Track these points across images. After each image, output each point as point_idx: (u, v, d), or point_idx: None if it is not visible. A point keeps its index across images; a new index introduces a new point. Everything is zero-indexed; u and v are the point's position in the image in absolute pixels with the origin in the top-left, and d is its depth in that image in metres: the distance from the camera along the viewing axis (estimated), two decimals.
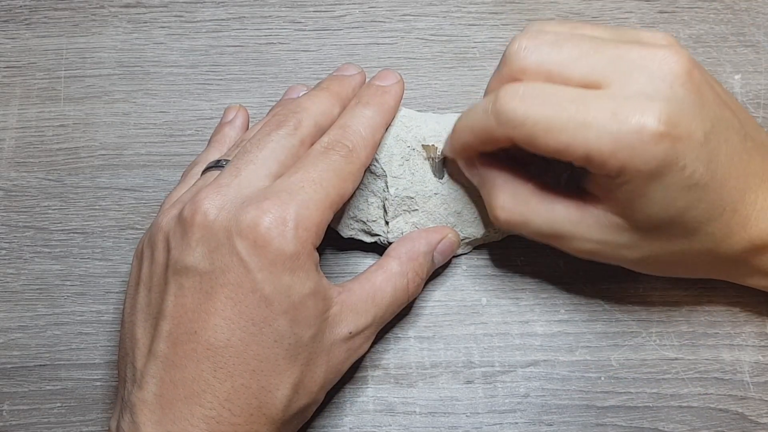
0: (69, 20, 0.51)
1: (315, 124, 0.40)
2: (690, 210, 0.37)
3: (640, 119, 0.35)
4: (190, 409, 0.35)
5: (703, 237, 0.39)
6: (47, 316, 0.46)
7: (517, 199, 0.41)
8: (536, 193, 0.41)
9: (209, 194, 0.37)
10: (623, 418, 0.44)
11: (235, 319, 0.36)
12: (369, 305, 0.40)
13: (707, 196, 0.37)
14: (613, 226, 0.39)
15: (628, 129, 0.35)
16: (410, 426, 0.44)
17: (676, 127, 0.35)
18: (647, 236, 0.39)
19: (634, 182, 0.36)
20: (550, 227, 0.40)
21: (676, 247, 0.39)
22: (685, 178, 0.36)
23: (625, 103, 0.36)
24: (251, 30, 0.51)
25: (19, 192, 0.48)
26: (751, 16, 0.51)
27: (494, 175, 0.41)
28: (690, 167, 0.36)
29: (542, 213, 0.40)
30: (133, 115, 0.50)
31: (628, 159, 0.35)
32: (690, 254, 0.40)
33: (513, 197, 0.41)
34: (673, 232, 0.38)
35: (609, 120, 0.35)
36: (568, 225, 0.40)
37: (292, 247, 0.36)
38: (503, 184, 0.41)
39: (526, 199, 0.40)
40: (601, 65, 0.37)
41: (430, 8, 0.52)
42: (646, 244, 0.39)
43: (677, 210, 0.37)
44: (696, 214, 0.37)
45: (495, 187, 0.41)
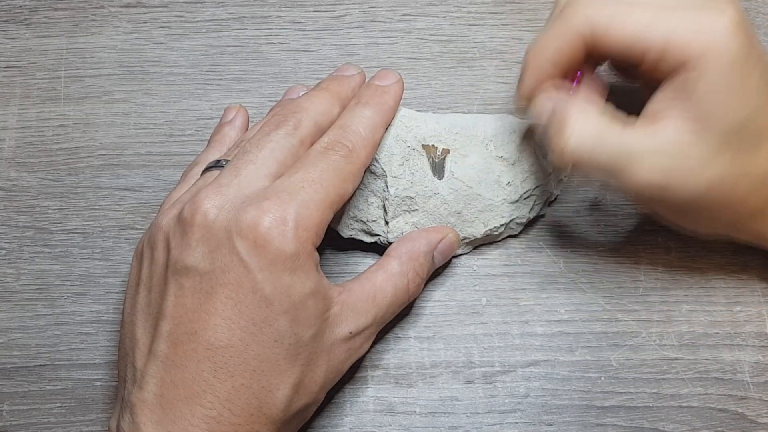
0: (69, 20, 0.51)
1: (314, 124, 0.40)
2: (759, 113, 0.38)
3: (723, 6, 0.37)
4: (191, 409, 0.35)
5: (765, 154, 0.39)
6: (47, 316, 0.46)
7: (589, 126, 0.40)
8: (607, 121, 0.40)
9: (209, 194, 0.37)
10: (623, 418, 0.44)
11: (236, 319, 0.36)
12: (369, 305, 0.40)
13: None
14: (684, 141, 0.38)
15: (711, 13, 0.37)
16: (410, 426, 0.44)
17: (749, 27, 0.38)
18: (717, 149, 0.38)
19: (714, 73, 0.37)
20: (620, 154, 0.39)
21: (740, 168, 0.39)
22: (757, 76, 0.38)
23: (701, 2, 0.38)
24: (251, 30, 0.51)
25: (19, 192, 0.48)
26: (751, 16, 0.51)
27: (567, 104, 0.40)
28: (759, 67, 0.38)
29: (612, 140, 0.39)
30: (133, 115, 0.50)
31: (710, 43, 0.37)
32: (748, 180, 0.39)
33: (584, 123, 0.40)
34: (742, 141, 0.38)
35: (690, 6, 0.37)
36: (637, 150, 0.39)
37: (293, 247, 0.36)
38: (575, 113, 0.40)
39: (597, 125, 0.40)
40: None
41: (430, 8, 0.52)
42: (714, 162, 0.39)
43: (750, 109, 0.38)
44: (763, 121, 0.38)
45: (567, 114, 0.40)
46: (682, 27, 0.37)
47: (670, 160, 0.39)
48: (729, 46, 0.37)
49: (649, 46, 0.38)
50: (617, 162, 0.39)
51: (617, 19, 0.38)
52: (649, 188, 0.39)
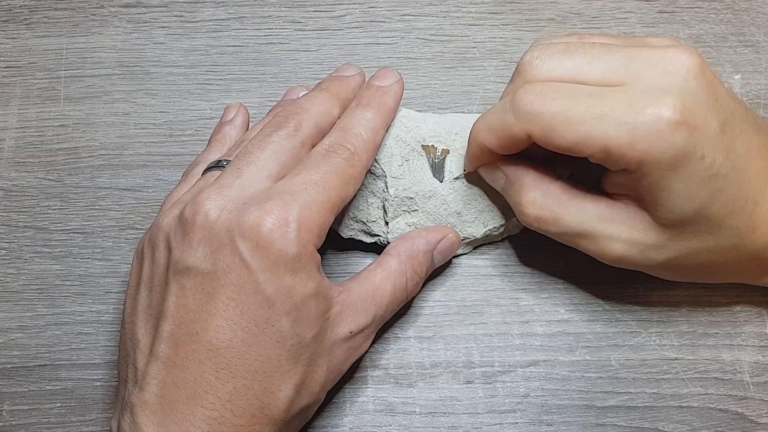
0: (69, 20, 0.51)
1: (315, 125, 0.40)
2: (713, 202, 0.37)
3: (657, 109, 0.36)
4: (192, 410, 0.35)
5: (728, 232, 0.39)
6: (47, 316, 0.46)
7: (547, 196, 0.41)
8: (566, 190, 0.41)
9: (211, 195, 0.37)
10: (623, 418, 0.44)
11: (237, 320, 0.36)
12: (369, 304, 0.40)
13: (728, 187, 0.37)
14: (643, 223, 0.39)
15: (644, 119, 0.36)
16: (410, 426, 0.44)
17: (693, 117, 0.36)
18: (674, 235, 0.39)
19: (654, 175, 0.36)
20: (580, 225, 0.40)
21: (702, 245, 0.39)
22: (705, 168, 0.36)
23: (641, 95, 0.36)
24: (251, 30, 0.51)
25: (19, 192, 0.48)
26: (751, 16, 0.51)
27: (522, 173, 0.41)
28: (709, 157, 0.36)
29: (572, 210, 0.40)
30: (133, 115, 0.50)
31: (647, 149, 0.36)
32: (715, 253, 0.40)
33: (543, 194, 0.41)
34: (699, 227, 0.38)
35: (626, 111, 0.36)
36: (597, 222, 0.40)
37: (294, 249, 0.36)
38: (532, 182, 0.41)
39: (556, 195, 0.41)
40: (613, 66, 0.38)
41: (430, 8, 0.52)
42: (673, 243, 0.39)
43: (700, 202, 0.37)
44: (719, 207, 0.38)
45: (524, 185, 0.41)
46: (618, 136, 0.36)
47: (628, 235, 0.40)
48: (665, 152, 0.36)
49: (589, 153, 0.37)
50: (579, 230, 0.40)
51: (555, 128, 0.37)
52: (611, 257, 0.41)
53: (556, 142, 0.37)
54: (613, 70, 0.38)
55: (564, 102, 0.37)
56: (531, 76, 0.39)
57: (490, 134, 0.40)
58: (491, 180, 0.43)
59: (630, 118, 0.36)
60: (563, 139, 0.37)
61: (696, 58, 0.38)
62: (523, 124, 0.38)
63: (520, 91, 0.38)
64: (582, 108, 0.37)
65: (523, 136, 0.38)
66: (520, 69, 0.40)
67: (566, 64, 0.39)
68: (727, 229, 0.38)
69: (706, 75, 0.38)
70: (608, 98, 0.37)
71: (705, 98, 0.37)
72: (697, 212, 0.38)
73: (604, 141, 0.36)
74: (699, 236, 0.39)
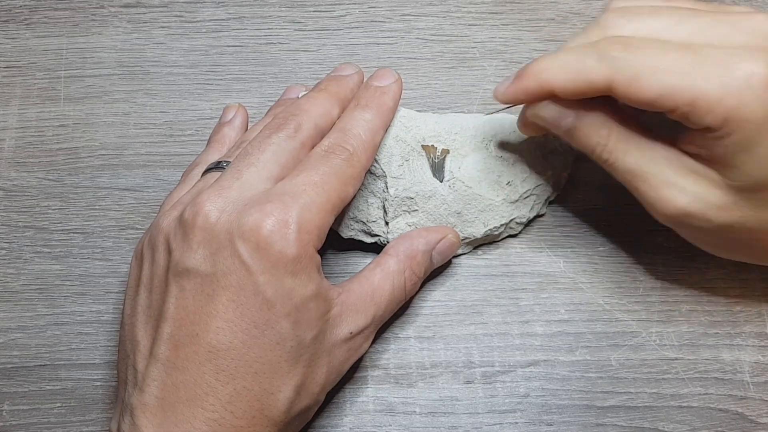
0: (69, 20, 0.51)
1: (315, 126, 0.40)
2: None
3: (751, 66, 0.35)
4: (192, 412, 0.35)
5: None
6: (47, 316, 0.46)
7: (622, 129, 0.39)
8: (640, 128, 0.39)
9: (210, 196, 0.37)
10: (623, 418, 0.44)
11: (237, 322, 0.36)
12: (368, 304, 0.40)
13: None
14: (710, 180, 0.38)
15: (738, 74, 0.35)
16: (410, 426, 0.44)
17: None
18: (742, 198, 0.38)
19: (739, 134, 0.35)
20: (647, 164, 0.38)
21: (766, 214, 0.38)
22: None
23: (734, 51, 0.35)
24: (251, 30, 0.51)
25: (19, 192, 0.48)
26: None
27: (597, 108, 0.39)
28: None
29: (644, 146, 0.39)
30: (133, 115, 0.50)
31: (737, 106, 0.35)
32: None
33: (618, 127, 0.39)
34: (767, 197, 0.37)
35: (718, 65, 0.35)
36: (666, 165, 0.38)
37: (294, 250, 0.36)
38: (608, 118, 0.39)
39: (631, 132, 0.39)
40: (701, 29, 0.37)
41: (430, 8, 0.52)
42: (738, 207, 0.38)
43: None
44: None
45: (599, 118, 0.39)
46: (708, 89, 0.35)
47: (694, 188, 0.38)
48: (755, 111, 0.35)
49: (674, 106, 0.36)
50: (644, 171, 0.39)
51: (642, 76, 0.36)
52: (671, 207, 0.39)
53: (640, 92, 0.36)
54: (701, 32, 0.37)
55: (654, 51, 0.36)
56: (612, 33, 0.38)
57: (562, 74, 0.38)
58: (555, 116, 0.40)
59: (722, 71, 0.35)
60: (649, 89, 0.36)
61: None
62: (607, 69, 0.36)
63: (606, 38, 0.37)
64: (672, 57, 0.35)
65: (601, 84, 0.37)
66: (600, 23, 0.38)
67: (652, 24, 0.37)
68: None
69: None
70: (700, 52, 0.35)
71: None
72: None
73: (692, 93, 0.35)
74: (766, 205, 0.38)
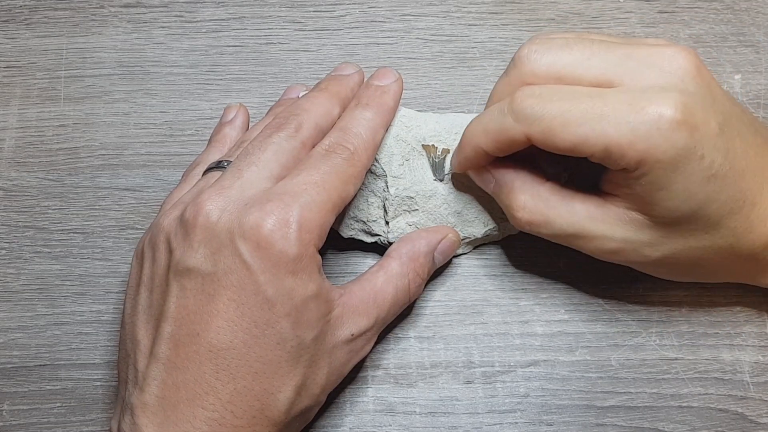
0: (69, 20, 0.51)
1: (315, 125, 0.40)
2: (711, 203, 0.37)
3: (657, 108, 0.35)
4: (193, 412, 0.35)
5: (725, 232, 0.38)
6: (47, 316, 0.46)
7: (538, 199, 0.41)
8: (556, 192, 0.41)
9: (211, 196, 0.37)
10: (623, 418, 0.44)
11: (238, 321, 0.36)
12: (370, 307, 0.40)
13: (727, 188, 0.37)
14: (635, 222, 0.39)
15: (645, 118, 0.35)
16: (410, 426, 0.44)
17: (693, 117, 0.36)
18: (669, 232, 0.39)
19: (654, 174, 0.36)
20: (572, 226, 0.40)
21: (698, 243, 0.39)
22: (705, 168, 0.36)
23: (641, 94, 0.36)
24: (251, 30, 0.51)
25: (19, 192, 0.48)
26: (751, 16, 0.51)
27: (512, 176, 0.41)
28: (708, 157, 0.36)
29: (563, 212, 0.40)
30: (133, 115, 0.50)
31: (647, 149, 0.36)
32: (711, 251, 0.39)
33: (533, 197, 0.41)
34: (695, 226, 0.38)
35: (626, 110, 0.36)
36: (589, 223, 0.40)
37: (295, 250, 0.36)
38: (522, 185, 0.41)
39: (546, 198, 0.40)
40: (612, 64, 0.38)
41: (430, 8, 0.52)
42: (668, 240, 0.39)
43: (698, 202, 0.37)
44: (717, 207, 0.37)
45: (514, 189, 0.41)
46: (618, 136, 0.36)
47: (622, 234, 0.39)
48: (666, 152, 0.35)
49: (589, 153, 0.37)
50: (571, 232, 0.40)
51: (555, 130, 0.37)
52: (604, 255, 0.41)
53: (557, 143, 0.37)
54: (611, 67, 0.38)
55: (564, 104, 0.37)
56: (528, 69, 0.39)
57: (487, 137, 0.40)
58: (481, 183, 0.43)
59: (630, 117, 0.36)
60: (564, 140, 0.37)
61: (694, 58, 0.38)
62: (522, 127, 0.38)
63: (519, 93, 0.38)
64: (582, 108, 0.37)
65: (522, 139, 0.38)
66: (516, 62, 0.40)
67: (564, 59, 0.38)
68: (724, 229, 0.38)
69: (704, 76, 0.38)
70: (608, 98, 0.37)
71: (703, 99, 0.37)
72: (694, 212, 0.37)
73: (604, 141, 0.36)
74: (695, 235, 0.39)
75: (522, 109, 0.38)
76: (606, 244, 0.40)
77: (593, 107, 0.36)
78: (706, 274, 0.42)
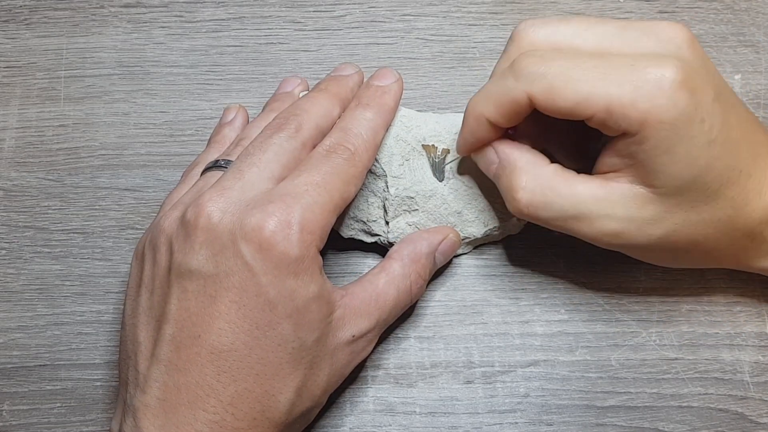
0: (69, 20, 0.51)
1: (316, 126, 0.40)
2: (710, 169, 0.37)
3: (660, 69, 0.36)
4: (194, 414, 0.35)
5: (723, 203, 0.39)
6: (47, 316, 0.46)
7: (539, 180, 0.40)
8: (558, 174, 0.40)
9: (213, 197, 0.37)
10: (623, 418, 0.44)
11: (240, 323, 0.36)
12: (372, 308, 0.40)
13: (724, 156, 0.37)
14: (638, 197, 0.39)
15: (648, 77, 0.36)
16: (410, 426, 0.44)
17: (692, 80, 0.36)
18: (671, 206, 0.38)
19: (656, 136, 0.36)
20: (574, 207, 0.40)
21: (698, 216, 0.39)
22: (705, 132, 0.36)
23: (642, 57, 0.37)
24: (251, 30, 0.51)
25: (19, 192, 0.48)
26: (751, 16, 0.51)
27: (515, 156, 0.41)
28: (708, 121, 0.36)
29: (565, 192, 0.40)
30: (133, 115, 0.50)
31: (649, 108, 0.36)
32: (711, 226, 0.39)
33: (535, 178, 0.40)
34: (695, 196, 0.38)
35: (628, 70, 0.36)
36: (591, 203, 0.39)
37: (297, 251, 0.36)
38: (525, 165, 0.41)
39: (548, 179, 0.40)
40: (609, 34, 0.38)
41: (430, 8, 0.52)
42: (670, 215, 0.39)
43: (699, 168, 0.37)
44: (716, 175, 0.38)
45: (516, 169, 0.41)
46: (621, 95, 0.36)
47: (624, 212, 0.39)
48: (668, 111, 0.36)
49: (591, 114, 0.37)
50: (573, 213, 0.40)
51: (557, 87, 0.37)
52: (605, 237, 0.40)
53: (558, 103, 0.37)
54: (609, 37, 0.38)
55: (566, 62, 0.37)
56: (527, 42, 0.39)
57: (489, 102, 0.39)
58: (484, 163, 0.42)
59: (633, 76, 0.36)
60: (565, 99, 0.37)
61: (687, 30, 0.38)
62: (524, 85, 0.38)
63: (519, 56, 0.38)
64: (584, 67, 0.37)
65: (525, 101, 0.38)
66: (514, 37, 0.40)
67: (562, 31, 0.39)
68: (722, 199, 0.38)
69: (697, 47, 0.38)
70: (610, 59, 0.37)
71: (699, 67, 0.37)
72: (695, 179, 0.37)
73: (606, 100, 0.36)
74: (696, 207, 0.39)
75: (523, 68, 0.38)
76: (608, 225, 0.39)
77: (596, 66, 0.37)
78: (703, 257, 0.42)
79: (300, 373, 0.37)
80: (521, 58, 0.38)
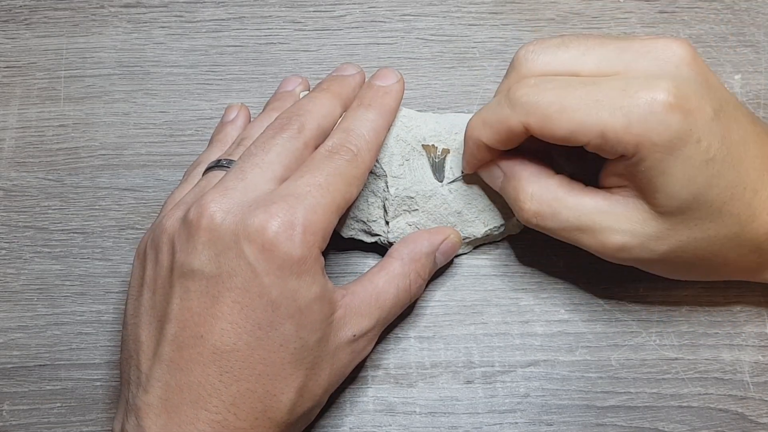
0: (69, 20, 0.51)
1: (318, 126, 0.40)
2: (711, 188, 0.37)
3: (650, 93, 0.36)
4: (196, 414, 0.35)
5: (728, 220, 0.38)
6: (47, 316, 0.46)
7: (546, 191, 0.41)
8: (564, 185, 0.41)
9: (215, 197, 0.37)
10: (623, 418, 0.44)
11: (242, 324, 0.36)
12: (372, 307, 0.40)
13: (726, 173, 0.37)
14: (641, 214, 0.39)
15: (639, 102, 0.36)
16: (410, 426, 0.44)
17: (687, 101, 0.36)
18: (674, 224, 0.39)
19: (652, 158, 0.36)
20: (579, 219, 0.40)
21: (703, 234, 0.39)
22: (702, 151, 0.36)
23: (635, 81, 0.37)
24: (251, 30, 0.51)
25: (19, 192, 0.48)
26: (751, 16, 0.51)
27: (520, 168, 0.41)
28: (705, 141, 0.36)
29: (570, 204, 0.40)
30: (133, 115, 0.50)
31: (643, 132, 0.36)
32: (716, 243, 0.39)
33: (541, 188, 0.41)
34: (699, 215, 0.38)
35: (620, 96, 0.36)
36: (596, 215, 0.40)
37: (299, 252, 0.36)
38: (531, 176, 0.41)
39: (555, 190, 0.40)
40: (607, 57, 0.38)
41: (430, 8, 0.52)
42: (674, 233, 0.39)
43: (698, 187, 0.37)
44: (717, 193, 0.38)
45: (522, 180, 0.41)
46: (614, 121, 0.36)
47: (628, 226, 0.39)
48: (661, 134, 0.36)
49: (586, 141, 0.37)
50: (578, 224, 0.40)
51: (551, 117, 0.37)
52: (609, 250, 0.40)
53: (553, 131, 0.37)
54: (607, 61, 0.38)
55: (559, 92, 0.37)
56: (526, 69, 0.39)
57: (486, 129, 0.40)
58: (490, 179, 0.43)
59: (624, 102, 0.36)
60: (560, 128, 0.37)
61: (687, 47, 0.38)
62: (519, 115, 0.38)
63: (516, 84, 0.39)
64: (577, 95, 0.37)
65: (520, 129, 0.38)
66: (514, 64, 0.40)
67: (561, 57, 0.39)
68: (727, 216, 0.38)
69: (698, 64, 0.38)
70: (602, 85, 0.37)
71: (698, 85, 0.37)
72: (695, 197, 0.37)
73: (600, 127, 0.36)
74: (699, 224, 0.39)
75: (518, 97, 0.38)
76: (612, 238, 0.40)
77: (588, 94, 0.37)
78: (711, 270, 0.42)
79: (302, 374, 0.37)
80: (516, 87, 0.38)
